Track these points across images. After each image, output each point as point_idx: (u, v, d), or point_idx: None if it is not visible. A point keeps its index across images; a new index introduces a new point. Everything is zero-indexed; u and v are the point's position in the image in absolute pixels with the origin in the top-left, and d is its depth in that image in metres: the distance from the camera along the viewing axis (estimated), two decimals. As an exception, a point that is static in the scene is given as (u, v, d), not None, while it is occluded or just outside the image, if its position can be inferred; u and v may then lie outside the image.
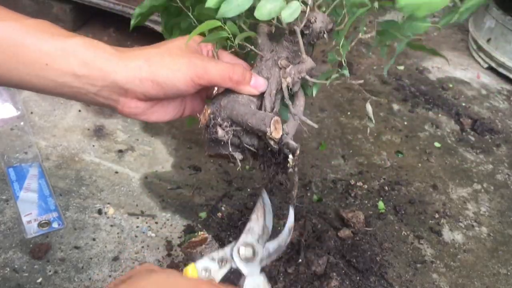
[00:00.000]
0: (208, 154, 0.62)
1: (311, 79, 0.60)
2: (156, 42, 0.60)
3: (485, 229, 1.02)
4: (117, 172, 1.00)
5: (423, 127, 1.30)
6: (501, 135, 1.31)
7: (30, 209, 0.89)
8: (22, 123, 1.07)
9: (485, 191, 1.12)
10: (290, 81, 0.59)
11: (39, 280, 0.78)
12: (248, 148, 0.59)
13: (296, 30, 0.58)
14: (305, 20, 0.57)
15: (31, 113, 1.10)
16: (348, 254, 0.87)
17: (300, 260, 0.81)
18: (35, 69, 0.53)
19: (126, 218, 0.91)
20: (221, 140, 0.57)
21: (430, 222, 1.01)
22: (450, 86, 1.50)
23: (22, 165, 0.98)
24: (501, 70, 1.58)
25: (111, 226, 0.89)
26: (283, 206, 0.95)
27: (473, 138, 1.29)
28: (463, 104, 1.42)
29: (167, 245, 0.87)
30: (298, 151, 0.56)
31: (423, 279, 0.89)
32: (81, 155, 1.03)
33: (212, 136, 0.58)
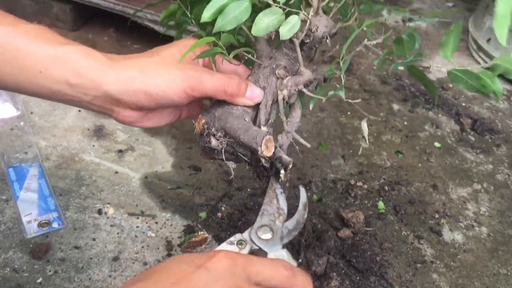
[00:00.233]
0: (203, 157, 0.63)
1: (308, 93, 0.59)
2: (155, 41, 0.60)
3: (485, 229, 1.02)
4: (117, 172, 1.00)
5: (423, 127, 1.30)
6: (501, 135, 1.31)
7: (30, 209, 0.89)
8: (22, 123, 1.07)
9: (485, 191, 1.12)
10: (286, 93, 0.58)
11: (39, 280, 0.78)
12: (242, 156, 0.59)
13: (295, 42, 0.57)
14: (305, 30, 0.56)
15: (31, 113, 1.10)
16: (348, 254, 0.87)
17: (300, 260, 0.81)
18: (30, 76, 0.52)
19: (126, 218, 0.91)
20: (215, 148, 0.58)
21: (430, 222, 1.01)
22: (450, 86, 1.50)
23: (22, 165, 0.98)
24: (501, 70, 1.58)
25: (111, 226, 0.89)
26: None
27: (473, 138, 1.29)
28: (463, 104, 1.42)
29: (167, 245, 0.87)
30: (290, 166, 0.55)
31: (423, 279, 0.89)
32: (81, 155, 1.03)
33: (205, 145, 0.59)
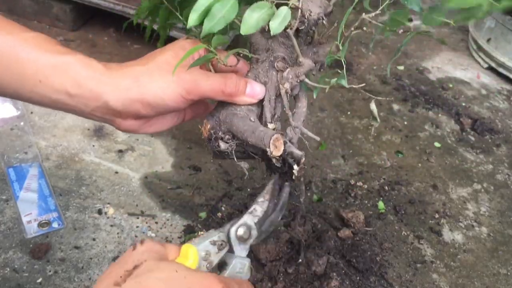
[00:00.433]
0: (214, 158, 0.61)
1: (310, 83, 0.58)
2: (155, 42, 0.59)
3: (485, 229, 1.02)
4: (117, 172, 1.00)
5: (423, 127, 1.30)
6: (501, 135, 1.31)
7: (30, 209, 0.89)
8: (22, 123, 1.07)
9: (485, 191, 1.12)
10: (288, 86, 0.57)
11: (39, 280, 0.78)
12: (253, 154, 0.58)
13: (289, 33, 0.55)
14: (299, 17, 0.54)
15: (31, 113, 1.10)
16: (348, 254, 0.87)
17: (300, 260, 0.81)
18: (30, 84, 0.52)
19: (126, 218, 0.91)
20: (224, 151, 0.57)
21: (430, 222, 1.01)
22: (450, 86, 1.50)
23: (22, 165, 0.98)
24: (501, 70, 1.58)
25: (111, 226, 0.89)
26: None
27: (473, 138, 1.29)
28: (463, 104, 1.42)
29: (167, 245, 0.87)
30: (303, 159, 0.54)
31: (423, 279, 0.89)
32: (81, 155, 1.03)
33: (215, 149, 0.57)
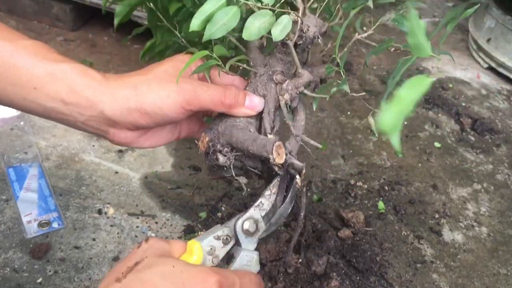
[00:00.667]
0: (211, 178, 0.60)
1: (310, 94, 0.58)
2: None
3: (485, 229, 1.02)
4: (117, 172, 1.00)
5: (423, 127, 1.30)
6: (501, 135, 1.31)
7: (30, 209, 0.89)
8: (22, 123, 1.07)
9: (485, 191, 1.12)
10: (288, 97, 0.57)
11: (39, 280, 0.78)
12: (252, 170, 0.57)
13: (289, 44, 0.55)
14: (297, 31, 0.55)
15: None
16: (348, 254, 0.87)
17: (300, 260, 0.81)
18: (24, 92, 0.51)
19: (126, 218, 0.91)
20: (223, 166, 0.56)
21: (430, 222, 1.01)
22: (450, 86, 1.50)
23: (22, 165, 0.98)
24: (501, 70, 1.58)
25: (111, 226, 0.89)
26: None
27: (473, 138, 1.29)
28: (463, 104, 1.42)
29: (167, 245, 0.87)
30: (304, 171, 0.54)
31: (423, 279, 0.88)
32: (81, 155, 1.03)
33: (213, 163, 0.56)
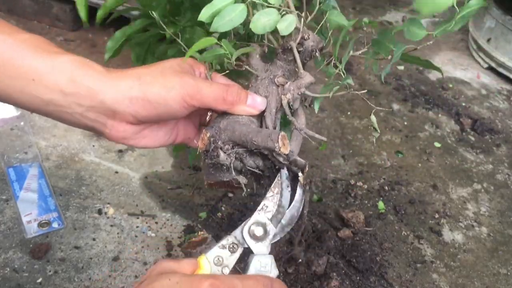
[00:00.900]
0: (207, 183, 0.58)
1: (312, 94, 0.59)
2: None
3: (485, 229, 1.02)
4: (117, 172, 1.00)
5: (423, 127, 1.30)
6: (501, 135, 1.31)
7: (30, 209, 0.89)
8: (22, 123, 1.07)
9: (485, 191, 1.12)
10: (290, 97, 0.58)
11: (39, 280, 0.78)
12: (252, 171, 0.56)
13: (292, 45, 0.57)
14: (299, 37, 0.56)
15: (31, 113, 1.10)
16: (348, 254, 0.87)
17: (300, 260, 0.81)
18: (22, 84, 0.51)
19: (126, 218, 0.91)
20: (223, 164, 0.55)
21: (430, 222, 1.01)
22: (450, 86, 1.50)
23: (22, 165, 0.98)
24: (501, 70, 1.58)
25: (111, 226, 0.89)
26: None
27: (473, 138, 1.29)
28: (463, 104, 1.42)
29: (167, 245, 0.87)
30: (307, 168, 0.54)
31: (423, 279, 0.89)
32: (81, 155, 1.03)
33: (213, 160, 0.55)
